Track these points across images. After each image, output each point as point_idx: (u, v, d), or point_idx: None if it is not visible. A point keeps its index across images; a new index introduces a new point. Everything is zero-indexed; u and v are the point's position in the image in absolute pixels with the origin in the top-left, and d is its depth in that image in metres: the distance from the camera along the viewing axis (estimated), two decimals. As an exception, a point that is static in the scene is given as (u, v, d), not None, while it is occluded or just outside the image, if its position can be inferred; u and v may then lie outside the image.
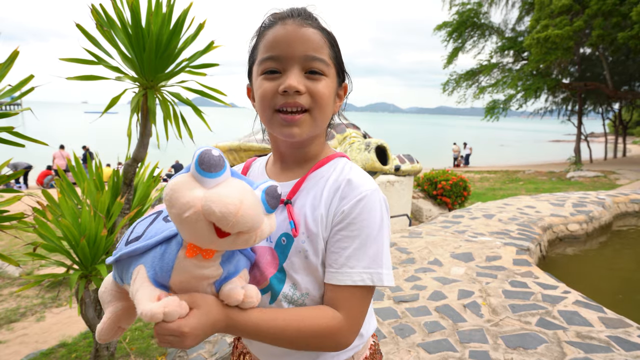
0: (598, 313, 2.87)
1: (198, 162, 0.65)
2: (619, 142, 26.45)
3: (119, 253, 0.79)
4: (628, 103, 23.67)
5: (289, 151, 0.93)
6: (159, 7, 2.20)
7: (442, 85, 23.00)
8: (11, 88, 1.89)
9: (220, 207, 0.62)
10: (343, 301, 0.82)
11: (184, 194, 0.64)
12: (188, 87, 2.48)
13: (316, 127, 0.87)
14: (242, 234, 0.66)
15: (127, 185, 2.49)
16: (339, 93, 0.94)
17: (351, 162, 0.94)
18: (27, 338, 3.42)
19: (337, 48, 0.90)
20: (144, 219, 0.84)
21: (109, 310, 0.87)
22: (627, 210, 6.57)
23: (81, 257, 2.21)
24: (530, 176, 15.37)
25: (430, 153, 28.24)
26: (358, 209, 0.82)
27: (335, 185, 0.86)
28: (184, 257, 0.70)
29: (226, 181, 0.67)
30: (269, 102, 0.83)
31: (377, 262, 0.83)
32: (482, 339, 2.59)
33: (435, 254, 4.19)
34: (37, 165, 13.94)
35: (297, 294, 0.85)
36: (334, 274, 0.82)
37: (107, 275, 0.91)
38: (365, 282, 0.81)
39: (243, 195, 0.65)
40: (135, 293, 0.71)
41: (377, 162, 6.39)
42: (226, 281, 0.76)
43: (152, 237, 0.75)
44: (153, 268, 0.71)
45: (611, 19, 15.80)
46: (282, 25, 0.83)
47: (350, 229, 0.82)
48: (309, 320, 0.79)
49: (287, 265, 0.86)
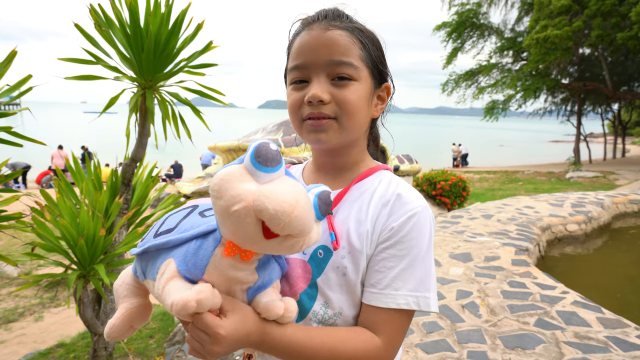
0: (596, 313, 2.88)
1: (254, 154, 0.60)
2: (618, 142, 26.48)
3: (147, 245, 0.73)
4: (627, 103, 23.69)
5: (326, 159, 0.88)
6: (158, 7, 2.20)
7: (442, 86, 23.00)
8: (9, 88, 1.89)
9: (275, 205, 0.57)
10: (383, 325, 0.76)
11: (235, 185, 0.59)
12: (187, 87, 2.48)
13: (347, 135, 0.81)
14: (291, 237, 0.61)
15: (125, 185, 2.49)
16: (380, 95, 0.87)
17: (397, 176, 0.88)
18: (25, 338, 3.42)
19: (374, 47, 0.83)
20: (177, 211, 0.80)
21: (123, 306, 0.81)
22: (626, 210, 6.58)
23: (79, 257, 2.21)
24: (530, 176, 15.38)
25: (430, 153, 28.24)
26: (408, 227, 0.77)
27: (384, 200, 0.81)
28: (220, 256, 0.65)
29: (280, 178, 0.62)
30: (297, 112, 0.81)
31: (425, 285, 0.77)
32: (481, 339, 2.59)
33: (434, 254, 4.19)
34: (36, 165, 13.93)
35: (329, 312, 0.79)
36: (376, 295, 0.76)
37: (126, 268, 0.86)
38: (410, 307, 0.76)
39: (299, 195, 0.60)
40: (162, 287, 0.66)
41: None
42: (260, 290, 0.71)
43: (186, 231, 0.70)
44: (185, 263, 0.66)
45: (610, 19, 15.80)
46: (307, 32, 0.80)
47: (399, 247, 0.77)
48: (346, 343, 0.73)
49: (321, 280, 0.79)
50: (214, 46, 2.41)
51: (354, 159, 0.88)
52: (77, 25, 2.17)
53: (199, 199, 0.84)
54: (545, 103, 23.75)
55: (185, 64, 2.39)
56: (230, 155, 7.45)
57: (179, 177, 14.97)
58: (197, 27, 2.37)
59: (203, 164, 15.54)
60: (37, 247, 2.11)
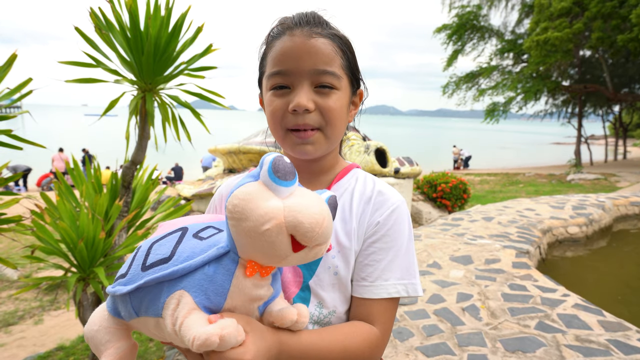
0: (597, 316, 2.87)
1: (272, 169, 0.58)
2: (619, 144, 26.44)
3: (142, 280, 0.66)
4: (628, 105, 23.68)
5: (304, 164, 0.89)
6: (158, 10, 2.20)
7: (442, 88, 23.01)
8: (9, 91, 1.90)
9: (308, 218, 0.57)
10: (377, 315, 0.80)
11: (260, 204, 0.57)
12: (187, 90, 2.48)
13: (330, 144, 0.84)
14: (317, 246, 0.61)
15: (125, 187, 2.49)
16: (354, 100, 0.90)
17: (366, 172, 0.94)
18: (25, 341, 3.42)
19: (351, 54, 0.85)
20: (163, 237, 0.72)
21: (109, 354, 0.72)
22: (627, 212, 6.57)
23: (79, 260, 2.20)
24: (531, 179, 15.36)
25: (430, 155, 28.23)
26: (392, 221, 0.83)
27: (365, 197, 0.85)
28: (242, 277, 0.62)
29: (298, 190, 0.61)
30: (280, 120, 0.81)
31: (411, 273, 0.83)
32: (481, 342, 2.58)
33: (434, 257, 4.18)
34: (37, 168, 13.95)
35: (323, 312, 0.82)
36: (369, 288, 0.81)
37: (94, 313, 0.76)
38: (400, 294, 0.81)
39: (323, 205, 0.61)
40: (180, 322, 0.60)
41: (377, 164, 6.40)
42: (270, 302, 0.69)
43: (189, 258, 0.65)
44: (203, 292, 0.62)
45: (611, 21, 15.81)
46: (289, 37, 0.79)
47: (385, 240, 0.82)
48: (352, 338, 0.77)
49: (313, 282, 0.81)
50: (213, 49, 2.41)
51: (331, 163, 0.91)
52: (77, 28, 2.18)
53: (178, 219, 0.80)
54: (546, 105, 23.75)
55: (185, 67, 2.40)
56: (230, 158, 7.45)
57: (180, 179, 14.98)
58: (197, 30, 2.38)
59: (204, 166, 15.56)
60: (37, 250, 2.11)
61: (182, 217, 0.83)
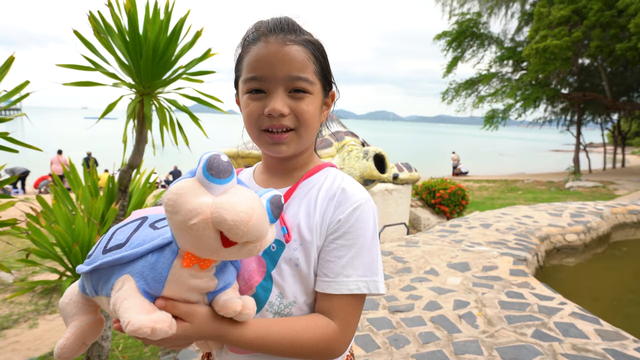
0: (594, 325, 2.86)
1: (206, 167, 0.62)
2: (618, 152, 26.53)
3: (98, 262, 0.72)
4: (627, 114, 23.77)
5: (278, 162, 0.93)
6: (157, 14, 2.21)
7: (442, 94, 23.08)
8: (6, 94, 1.89)
9: (233, 216, 0.59)
10: (337, 310, 0.82)
11: (190, 199, 0.61)
12: (185, 94, 2.48)
13: (303, 143, 0.88)
14: (248, 243, 0.64)
15: (122, 191, 2.48)
16: (327, 102, 0.94)
17: (341, 171, 0.95)
18: (19, 345, 3.39)
19: (323, 58, 0.89)
20: (124, 225, 0.79)
21: (73, 325, 0.80)
22: (625, 221, 6.57)
23: (74, 264, 2.20)
24: (529, 186, 15.38)
25: (429, 162, 28.27)
26: (354, 218, 0.84)
27: (330, 194, 0.87)
28: (180, 267, 0.67)
29: (234, 188, 0.64)
30: (255, 122, 0.85)
31: (372, 270, 0.84)
32: (477, 350, 2.57)
33: (431, 264, 4.17)
34: (36, 171, 13.93)
35: (284, 302, 0.84)
36: (329, 283, 0.83)
37: (69, 286, 0.85)
38: (361, 290, 0.82)
39: (254, 204, 0.63)
40: (120, 303, 0.66)
41: (375, 170, 6.39)
42: (218, 293, 0.73)
43: (139, 245, 0.70)
44: (144, 278, 0.67)
45: (609, 30, 15.92)
46: (264, 44, 0.82)
47: (346, 237, 0.83)
48: (305, 332, 0.79)
49: (275, 273, 0.84)
50: (212, 53, 2.42)
51: (304, 161, 0.94)
52: (77, 32, 2.18)
53: (148, 209, 0.84)
54: (545, 112, 23.83)
55: (184, 71, 2.40)
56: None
57: (179, 183, 14.94)
58: (196, 34, 2.38)
59: (203, 170, 15.51)
60: (31, 254, 2.10)
61: (153, 207, 0.87)
